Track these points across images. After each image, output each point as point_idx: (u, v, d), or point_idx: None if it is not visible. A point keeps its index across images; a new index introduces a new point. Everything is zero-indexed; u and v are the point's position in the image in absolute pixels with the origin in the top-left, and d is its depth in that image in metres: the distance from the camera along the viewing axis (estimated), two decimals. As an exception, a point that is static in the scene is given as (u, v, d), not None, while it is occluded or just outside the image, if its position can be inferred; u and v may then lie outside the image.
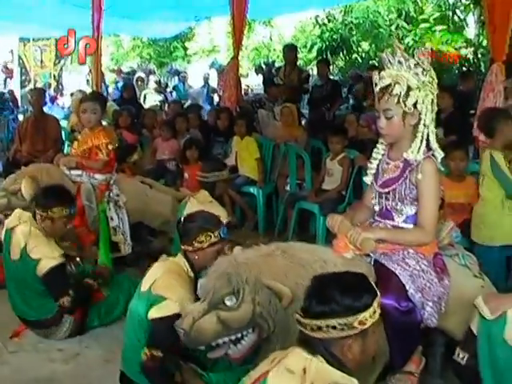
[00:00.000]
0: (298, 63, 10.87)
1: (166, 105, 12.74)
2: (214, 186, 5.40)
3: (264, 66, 15.10)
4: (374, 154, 3.55)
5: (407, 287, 3.21)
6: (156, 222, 6.03)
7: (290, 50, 10.42)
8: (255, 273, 3.04)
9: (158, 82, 15.04)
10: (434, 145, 3.30)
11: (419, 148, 3.25)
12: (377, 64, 12.36)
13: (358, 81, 11.46)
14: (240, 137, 7.89)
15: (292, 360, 2.32)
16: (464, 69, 13.80)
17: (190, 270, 3.73)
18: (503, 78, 6.89)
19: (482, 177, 5.26)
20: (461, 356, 3.17)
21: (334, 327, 2.27)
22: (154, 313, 3.47)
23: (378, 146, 3.53)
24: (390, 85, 3.21)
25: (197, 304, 3.14)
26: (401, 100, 3.19)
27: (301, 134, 8.06)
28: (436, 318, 3.28)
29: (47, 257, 4.43)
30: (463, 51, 15.71)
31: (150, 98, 13.31)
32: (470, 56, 15.17)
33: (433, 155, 3.30)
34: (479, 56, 14.39)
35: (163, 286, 3.54)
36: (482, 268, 3.73)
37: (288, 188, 7.46)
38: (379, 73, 3.30)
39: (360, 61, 17.81)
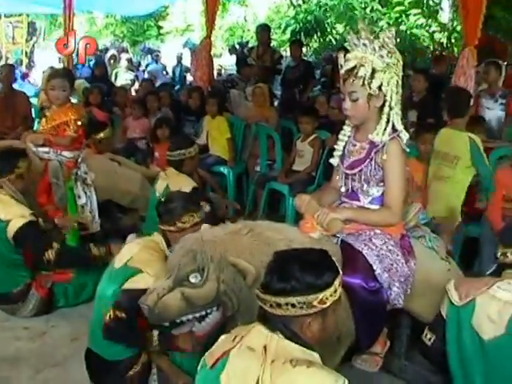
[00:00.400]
0: (271, 44, 10.80)
1: (137, 83, 12.64)
2: (182, 163, 5.38)
3: (238, 47, 14.96)
4: (340, 136, 3.57)
5: (374, 267, 3.23)
6: (125, 199, 6.01)
7: (264, 31, 10.35)
8: (221, 250, 3.03)
9: (130, 60, 14.87)
10: (400, 126, 3.30)
11: (384, 129, 3.26)
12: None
13: (331, 62, 11.43)
14: (211, 116, 7.85)
15: (253, 337, 2.31)
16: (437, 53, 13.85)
17: (167, 249, 3.71)
18: (475, 63, 6.95)
19: (454, 159, 5.31)
20: (428, 337, 3.18)
21: (294, 305, 2.24)
22: (128, 284, 3.45)
23: (344, 127, 3.55)
24: (355, 67, 3.22)
25: (162, 280, 3.13)
26: (366, 82, 3.20)
27: (272, 115, 8.04)
28: (402, 298, 3.31)
29: (17, 216, 4.45)
30: (437, 35, 15.77)
31: (122, 77, 13.13)
32: (444, 40, 15.25)
33: (398, 136, 3.30)
34: (453, 41, 14.46)
35: (141, 260, 3.53)
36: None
37: (258, 168, 7.50)
38: (345, 55, 3.30)
39: (334, 43, 17.75)
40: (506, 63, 7.74)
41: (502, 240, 3.12)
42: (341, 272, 2.38)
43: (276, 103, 9.67)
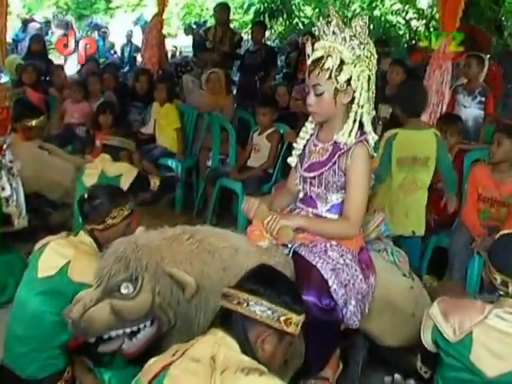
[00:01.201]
0: (230, 25, 10.76)
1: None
2: (118, 154, 5.31)
3: (194, 27, 14.93)
4: (301, 133, 3.52)
5: (330, 282, 3.19)
6: (56, 192, 5.91)
7: (222, 10, 10.25)
8: (157, 258, 2.95)
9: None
10: (369, 127, 3.26)
11: (351, 130, 3.21)
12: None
13: (296, 48, 11.45)
14: (160, 103, 7.80)
15: (197, 349, 2.31)
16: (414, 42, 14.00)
17: (98, 251, 3.57)
18: (452, 55, 6.91)
19: (426, 161, 5.29)
20: (423, 370, 3.20)
21: (263, 310, 2.37)
22: None
23: (306, 124, 3.50)
24: (321, 57, 3.16)
25: (89, 290, 3.03)
26: (332, 75, 3.14)
27: (228, 104, 8.04)
28: (358, 318, 3.28)
29: None
30: (414, 23, 15.86)
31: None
32: (421, 28, 15.36)
33: (366, 140, 3.26)
34: (431, 29, 14.45)
35: (84, 271, 3.36)
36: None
37: (210, 163, 7.47)
38: (313, 43, 3.26)
39: (301, 27, 17.74)
40: (488, 56, 7.69)
41: (501, 265, 2.92)
42: (304, 314, 2.53)
43: (234, 92, 9.65)
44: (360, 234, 3.42)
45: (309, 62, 3.24)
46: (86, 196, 3.75)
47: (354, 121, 3.21)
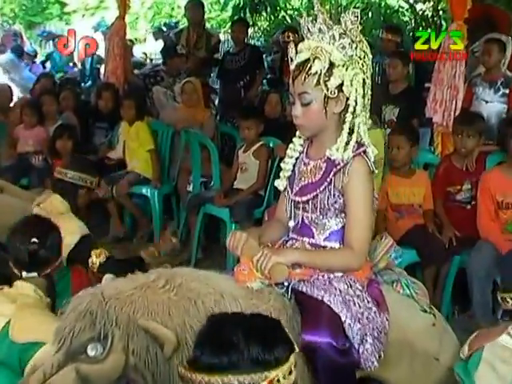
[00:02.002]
0: (206, 25, 10.76)
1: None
2: (76, 192, 5.28)
3: (165, 29, 14.91)
4: (288, 151, 3.49)
5: (342, 317, 3.14)
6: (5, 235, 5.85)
7: (195, 8, 10.25)
8: (129, 311, 2.91)
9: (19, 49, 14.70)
10: (367, 139, 3.24)
11: (347, 143, 3.18)
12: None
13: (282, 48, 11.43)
14: (128, 122, 7.83)
15: None
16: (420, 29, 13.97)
17: (44, 296, 3.65)
18: (464, 42, 6.89)
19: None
20: None
21: None
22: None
23: (293, 140, 3.47)
24: (307, 60, 3.14)
25: (49, 354, 2.98)
26: (321, 80, 3.10)
27: (208, 118, 8.10)
28: (377, 358, 3.20)
29: None
30: (419, 6, 15.90)
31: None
32: (429, 13, 15.39)
33: (365, 153, 3.23)
34: (440, 13, 14.60)
35: (29, 327, 3.37)
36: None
37: (191, 188, 7.48)
38: (296, 44, 3.24)
39: (289, 21, 17.73)
40: (510, 39, 7.67)
41: None
42: (296, 348, 2.37)
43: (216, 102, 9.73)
44: (367, 264, 3.39)
45: (292, 66, 3.22)
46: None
47: (350, 132, 3.19)
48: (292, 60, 3.23)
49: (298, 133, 3.42)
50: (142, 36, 19.72)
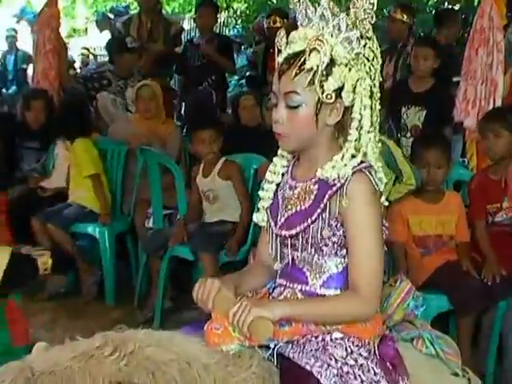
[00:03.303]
0: (164, 10, 10.76)
1: None
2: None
3: (111, 17, 14.95)
4: (268, 175, 3.48)
5: None
6: None
7: (148, -14, 10.27)
8: (66, 389, 2.89)
9: None
10: (370, 149, 3.21)
11: (346, 160, 3.16)
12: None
13: (265, 38, 11.41)
14: (66, 140, 7.78)
15: None
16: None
17: None
18: (503, 22, 6.95)
19: None
20: None
21: None
22: None
23: (274, 160, 3.47)
24: (302, 52, 3.09)
25: None
26: (316, 80, 3.06)
27: (171, 133, 8.05)
28: None
29: None
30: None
31: None
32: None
33: (367, 168, 3.19)
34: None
35: None
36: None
37: (151, 223, 7.44)
38: (287, 31, 3.21)
39: (274, 1, 17.77)
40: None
41: None
42: None
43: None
44: (378, 317, 3.35)
45: (281, 58, 3.17)
46: None
47: (353, 154, 3.17)
48: (280, 51, 3.20)
49: (279, 150, 3.41)
50: (81, 26, 19.72)
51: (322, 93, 3.07)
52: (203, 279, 3.26)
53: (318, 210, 3.20)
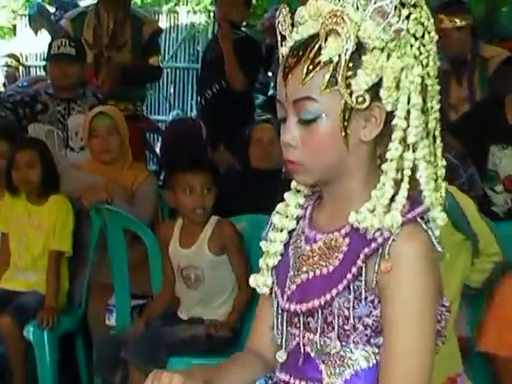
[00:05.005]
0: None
1: None
2: None
3: (52, 10, 14.03)
4: (275, 219, 2.80)
5: None
6: None
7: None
8: None
9: None
10: (431, 194, 2.53)
11: (390, 201, 2.46)
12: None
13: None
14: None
15: None
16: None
17: None
18: None
19: None
20: None
21: None
22: None
23: (286, 197, 2.81)
24: (314, 37, 2.44)
25: None
26: (339, 77, 2.40)
27: (142, 181, 6.75)
28: None
29: None
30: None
31: None
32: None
33: (423, 219, 2.49)
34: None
35: None
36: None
37: (113, 320, 6.25)
38: (292, 13, 2.62)
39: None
40: None
41: None
42: None
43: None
44: None
45: (285, 49, 2.55)
46: None
47: (399, 180, 2.49)
48: (284, 38, 2.62)
49: (293, 183, 2.81)
50: (5, 24, 18.77)
51: (350, 96, 2.46)
52: (158, 371, 2.65)
53: (349, 277, 2.60)
